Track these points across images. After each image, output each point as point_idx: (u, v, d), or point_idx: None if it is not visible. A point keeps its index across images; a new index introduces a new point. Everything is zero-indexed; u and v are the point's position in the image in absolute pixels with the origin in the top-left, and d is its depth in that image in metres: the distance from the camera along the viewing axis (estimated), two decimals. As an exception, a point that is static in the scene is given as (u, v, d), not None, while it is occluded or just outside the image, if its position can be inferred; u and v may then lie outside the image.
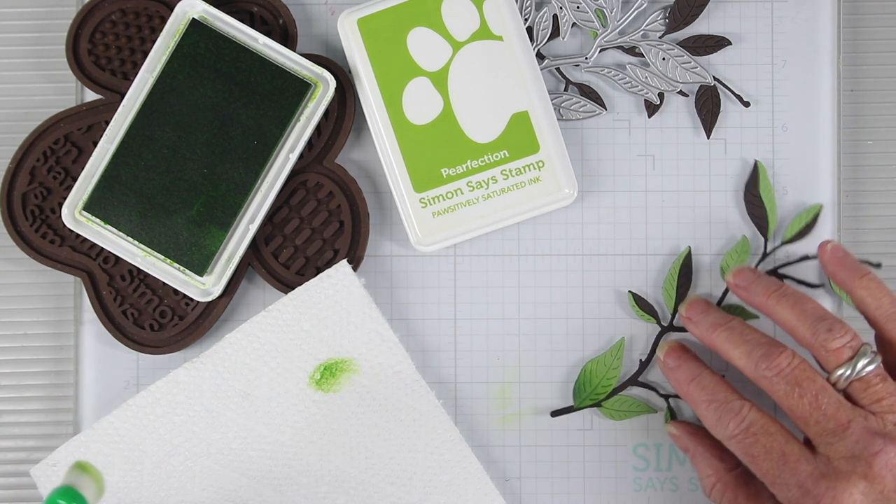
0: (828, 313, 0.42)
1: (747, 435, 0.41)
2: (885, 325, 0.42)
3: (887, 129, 0.50)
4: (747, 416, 0.41)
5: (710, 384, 0.44)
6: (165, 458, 0.47)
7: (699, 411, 0.44)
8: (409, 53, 0.48)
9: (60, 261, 0.48)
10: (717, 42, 0.49)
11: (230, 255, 0.47)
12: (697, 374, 0.44)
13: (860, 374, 0.40)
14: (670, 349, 0.47)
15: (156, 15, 0.48)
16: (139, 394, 0.48)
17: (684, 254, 0.49)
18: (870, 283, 0.43)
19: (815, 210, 0.49)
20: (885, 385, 0.40)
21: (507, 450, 0.49)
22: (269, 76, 0.47)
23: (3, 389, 0.50)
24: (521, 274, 0.50)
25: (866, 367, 0.40)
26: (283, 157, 0.47)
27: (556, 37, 0.49)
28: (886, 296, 0.43)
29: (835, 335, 0.41)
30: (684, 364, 0.46)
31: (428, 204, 0.48)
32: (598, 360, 0.49)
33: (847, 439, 0.39)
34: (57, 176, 0.48)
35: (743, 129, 0.50)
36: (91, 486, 0.43)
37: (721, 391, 0.43)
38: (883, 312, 0.42)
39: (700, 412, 0.44)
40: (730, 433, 0.41)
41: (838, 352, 0.41)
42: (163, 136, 0.47)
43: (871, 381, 0.40)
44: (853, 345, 0.41)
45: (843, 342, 0.41)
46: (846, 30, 0.50)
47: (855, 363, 0.40)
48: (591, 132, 0.50)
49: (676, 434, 0.46)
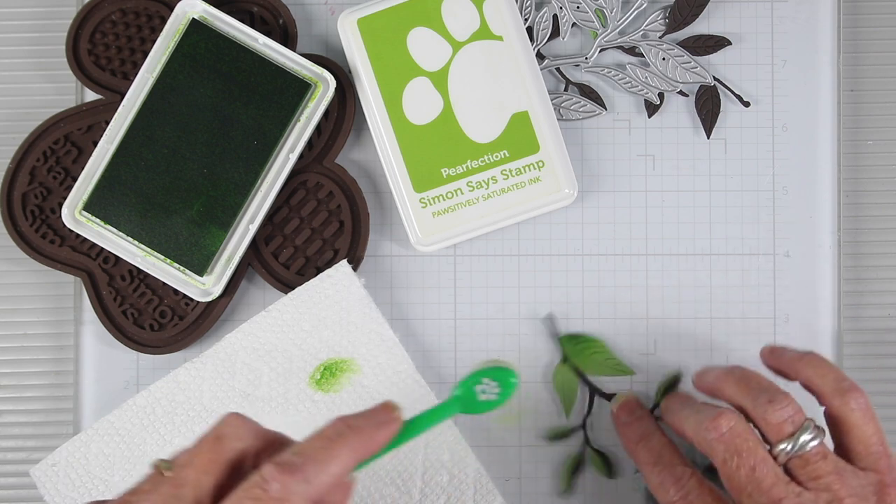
0: (772, 385, 0.41)
1: (685, 503, 0.41)
2: (831, 401, 0.41)
3: (887, 129, 0.50)
4: (687, 483, 0.41)
5: (657, 446, 0.44)
6: None
7: (644, 471, 0.44)
8: (409, 53, 0.48)
9: (60, 261, 0.48)
10: (717, 42, 0.49)
11: (230, 255, 0.47)
12: (647, 435, 0.45)
13: (802, 451, 0.39)
14: (624, 403, 0.47)
15: (156, 15, 0.48)
16: (139, 394, 0.48)
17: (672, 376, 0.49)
18: (812, 360, 0.42)
19: (673, 376, 0.49)
20: (825, 463, 0.39)
21: (507, 450, 0.49)
22: (269, 76, 0.47)
23: (3, 389, 0.50)
24: (521, 274, 0.50)
25: (809, 444, 0.39)
26: (283, 157, 0.47)
27: (556, 37, 0.49)
28: (831, 371, 0.42)
29: (775, 407, 0.40)
30: (636, 422, 0.46)
31: (428, 204, 0.48)
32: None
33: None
34: (57, 176, 0.48)
35: (743, 129, 0.50)
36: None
37: (667, 455, 0.43)
38: (829, 387, 0.41)
39: (644, 473, 0.44)
40: (670, 498, 0.42)
41: (780, 426, 0.40)
42: (163, 136, 0.47)
43: (811, 458, 0.39)
44: (795, 419, 0.40)
45: (785, 416, 0.40)
46: (846, 30, 0.50)
47: (797, 438, 0.39)
48: (591, 132, 0.50)
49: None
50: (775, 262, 0.50)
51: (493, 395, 0.42)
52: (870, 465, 0.40)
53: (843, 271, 0.50)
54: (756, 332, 0.49)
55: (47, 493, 0.47)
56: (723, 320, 0.49)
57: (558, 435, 0.49)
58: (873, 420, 0.40)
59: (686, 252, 0.49)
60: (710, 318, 0.49)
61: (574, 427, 0.49)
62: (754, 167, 0.50)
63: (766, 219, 0.50)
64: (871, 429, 0.40)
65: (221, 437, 0.35)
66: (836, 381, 0.41)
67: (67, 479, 0.47)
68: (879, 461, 0.40)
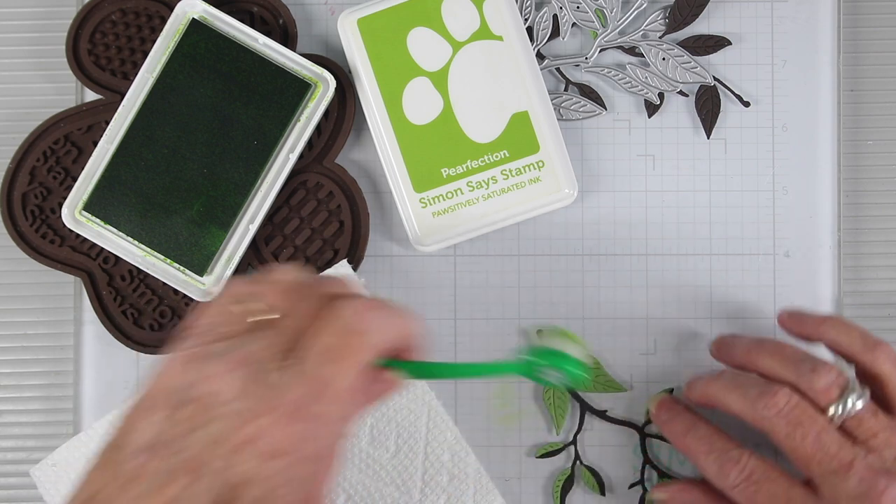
0: (808, 353, 0.42)
1: (749, 483, 0.41)
2: (862, 358, 0.42)
3: (887, 129, 0.50)
4: (748, 463, 0.41)
5: (706, 434, 0.43)
6: None
7: (699, 463, 0.43)
8: (409, 53, 0.48)
9: (60, 261, 0.48)
10: (717, 42, 0.49)
11: (230, 255, 0.47)
12: (692, 426, 0.44)
13: (852, 412, 0.40)
14: (661, 403, 0.46)
15: (156, 15, 0.48)
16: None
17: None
18: (836, 323, 0.43)
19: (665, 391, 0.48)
20: (878, 419, 0.40)
21: (508, 450, 0.49)
22: (269, 76, 0.47)
23: (3, 389, 0.50)
24: (521, 274, 0.50)
25: (857, 403, 0.40)
26: (283, 157, 0.47)
27: (556, 37, 0.49)
28: (855, 329, 0.42)
29: (819, 375, 0.40)
30: (677, 417, 0.45)
31: (428, 204, 0.48)
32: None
33: (851, 479, 0.38)
34: (57, 176, 0.48)
35: (743, 129, 0.50)
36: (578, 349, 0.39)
37: (718, 441, 0.43)
38: (857, 345, 0.42)
39: (699, 464, 0.43)
40: (732, 483, 0.41)
41: (826, 391, 0.40)
42: (163, 136, 0.47)
43: (864, 416, 0.40)
44: (839, 382, 0.40)
45: (829, 380, 0.40)
46: (846, 30, 0.50)
47: (845, 400, 0.40)
48: (591, 132, 0.50)
49: (667, 498, 0.46)
50: (775, 262, 0.50)
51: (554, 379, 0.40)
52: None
53: (843, 271, 0.50)
54: (756, 332, 0.49)
55: (47, 493, 0.47)
56: (723, 320, 0.49)
57: (548, 452, 0.49)
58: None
59: (686, 252, 0.49)
60: (710, 318, 0.49)
61: (565, 444, 0.49)
62: (754, 167, 0.50)
63: (766, 219, 0.50)
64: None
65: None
66: (863, 337, 0.42)
67: (67, 479, 0.47)
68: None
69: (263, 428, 0.30)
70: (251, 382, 0.30)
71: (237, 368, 0.31)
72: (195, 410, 0.30)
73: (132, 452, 0.30)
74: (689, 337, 0.49)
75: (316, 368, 0.31)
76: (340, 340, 0.32)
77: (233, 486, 0.29)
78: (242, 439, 0.30)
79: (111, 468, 0.30)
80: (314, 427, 0.31)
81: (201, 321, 0.33)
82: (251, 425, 0.30)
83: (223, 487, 0.29)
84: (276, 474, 0.30)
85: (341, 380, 0.31)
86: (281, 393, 0.30)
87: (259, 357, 0.31)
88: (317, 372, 0.31)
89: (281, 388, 0.31)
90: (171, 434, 0.30)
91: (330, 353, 0.32)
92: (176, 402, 0.30)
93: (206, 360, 0.31)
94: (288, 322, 0.32)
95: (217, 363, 0.31)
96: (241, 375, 0.30)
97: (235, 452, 0.30)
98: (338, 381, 0.31)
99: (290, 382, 0.31)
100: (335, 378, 0.31)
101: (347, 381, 0.32)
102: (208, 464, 0.29)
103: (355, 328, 0.32)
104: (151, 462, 0.29)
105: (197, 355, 0.31)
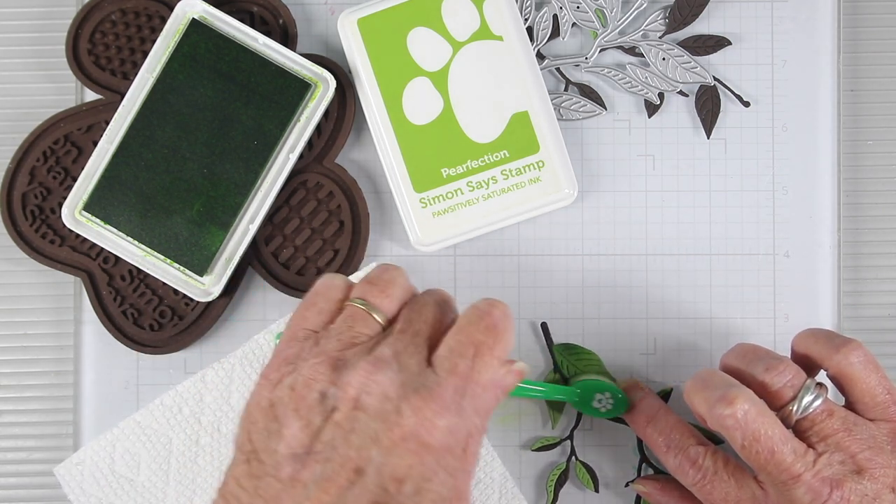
0: (769, 353, 0.41)
1: (705, 482, 0.41)
2: (829, 360, 0.41)
3: (887, 129, 0.50)
4: (704, 463, 0.41)
5: (665, 428, 0.44)
6: (192, 458, 0.47)
7: (659, 456, 0.44)
8: (409, 53, 0.48)
9: (60, 261, 0.48)
10: (717, 42, 0.49)
11: (230, 255, 0.47)
12: (654, 417, 0.44)
13: (806, 412, 0.39)
14: (626, 388, 0.47)
15: (156, 15, 0.48)
16: (166, 393, 0.48)
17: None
18: (801, 333, 0.43)
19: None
20: (832, 420, 0.39)
21: (508, 450, 0.49)
22: (269, 76, 0.47)
23: (3, 389, 0.50)
24: (521, 274, 0.50)
25: (812, 403, 0.39)
26: (283, 157, 0.47)
27: (556, 37, 0.49)
28: (821, 332, 0.42)
29: (773, 374, 0.40)
30: (639, 404, 0.46)
31: (428, 204, 0.48)
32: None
33: (799, 489, 0.38)
34: (57, 176, 0.48)
35: (743, 129, 0.50)
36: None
37: (677, 435, 0.43)
38: (823, 347, 0.41)
39: (660, 457, 0.44)
40: (690, 481, 0.42)
41: (780, 391, 0.40)
42: (163, 136, 0.47)
43: (817, 418, 0.39)
44: (794, 382, 0.40)
45: (784, 380, 0.40)
46: (846, 30, 0.50)
47: (800, 400, 0.39)
48: (591, 132, 0.50)
49: (646, 492, 0.47)
50: (775, 262, 0.50)
51: (608, 406, 0.46)
52: (879, 416, 0.40)
53: (843, 271, 0.50)
54: (756, 331, 0.49)
55: (72, 492, 0.47)
56: (723, 320, 0.49)
57: (544, 446, 0.49)
58: (875, 370, 0.40)
59: (686, 252, 0.49)
60: (710, 317, 0.49)
61: (561, 438, 0.49)
62: (754, 167, 0.50)
63: (766, 219, 0.50)
64: (873, 379, 0.40)
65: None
66: (829, 338, 0.42)
67: (92, 479, 0.47)
68: (889, 409, 0.40)
69: (416, 424, 0.32)
70: (399, 384, 0.33)
71: (381, 370, 0.33)
72: (346, 414, 0.33)
73: (283, 459, 0.33)
74: (689, 337, 0.49)
75: (461, 364, 0.34)
76: (484, 337, 0.35)
77: (390, 482, 0.32)
78: (399, 436, 0.32)
79: (263, 478, 0.33)
80: (461, 421, 0.33)
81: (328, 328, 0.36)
82: (405, 422, 0.32)
83: (383, 484, 0.32)
84: (428, 468, 0.32)
85: (485, 373, 0.35)
86: (430, 390, 0.33)
87: (402, 359, 0.34)
88: (462, 368, 0.34)
89: (429, 386, 0.33)
90: (322, 438, 0.33)
91: (473, 350, 0.35)
92: (321, 409, 0.33)
93: (345, 366, 0.34)
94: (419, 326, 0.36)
95: (358, 368, 0.34)
96: (389, 377, 0.33)
97: (392, 449, 0.32)
98: (483, 375, 0.35)
99: (439, 380, 0.34)
100: (480, 372, 0.34)
101: (489, 374, 0.35)
102: (369, 462, 0.32)
103: (496, 326, 0.35)
104: (307, 468, 0.32)
105: (332, 362, 0.34)
